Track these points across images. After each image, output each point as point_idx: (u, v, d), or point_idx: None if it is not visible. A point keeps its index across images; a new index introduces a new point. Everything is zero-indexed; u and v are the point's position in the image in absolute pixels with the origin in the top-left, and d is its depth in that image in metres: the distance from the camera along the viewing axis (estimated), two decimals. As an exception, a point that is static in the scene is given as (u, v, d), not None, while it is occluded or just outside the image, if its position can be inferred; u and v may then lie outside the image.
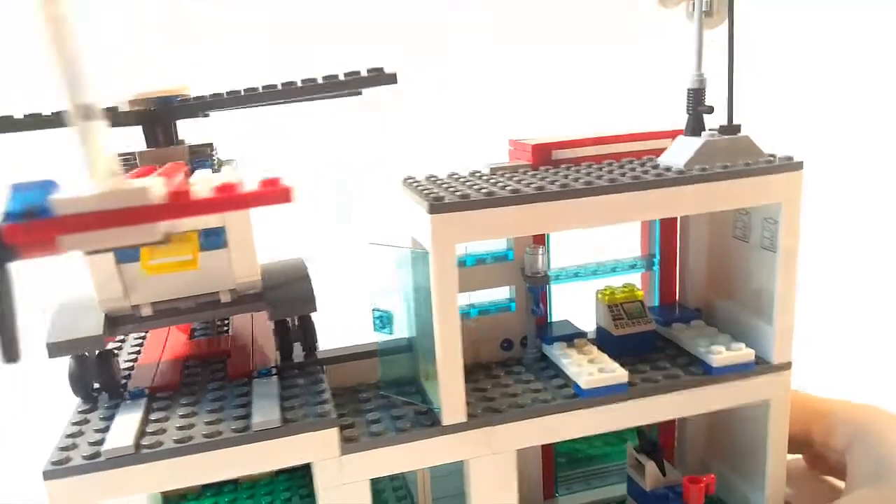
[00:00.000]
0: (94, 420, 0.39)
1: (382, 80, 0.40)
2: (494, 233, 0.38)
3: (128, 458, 0.35)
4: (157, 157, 0.42)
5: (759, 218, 0.44)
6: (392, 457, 0.39)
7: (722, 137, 0.41)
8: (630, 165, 0.42)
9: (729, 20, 0.40)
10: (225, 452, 0.36)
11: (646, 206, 0.38)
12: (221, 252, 0.39)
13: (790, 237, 0.42)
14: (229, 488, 0.56)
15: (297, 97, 0.41)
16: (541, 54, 1.10)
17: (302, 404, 0.39)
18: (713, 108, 0.41)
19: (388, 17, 1.01)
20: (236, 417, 0.38)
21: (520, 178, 0.41)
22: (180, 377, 0.43)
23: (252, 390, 0.41)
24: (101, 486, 0.35)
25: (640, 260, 0.50)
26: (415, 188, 0.39)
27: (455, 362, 0.38)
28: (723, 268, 0.48)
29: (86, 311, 0.40)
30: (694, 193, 0.39)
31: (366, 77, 0.39)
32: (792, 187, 0.41)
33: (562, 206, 0.37)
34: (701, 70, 0.41)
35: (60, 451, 0.36)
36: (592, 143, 0.44)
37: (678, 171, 0.40)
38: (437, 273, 0.37)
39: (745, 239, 0.46)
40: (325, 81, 0.40)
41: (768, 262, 0.43)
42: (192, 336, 0.50)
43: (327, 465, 0.38)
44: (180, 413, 0.39)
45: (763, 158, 0.41)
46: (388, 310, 0.41)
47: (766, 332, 0.44)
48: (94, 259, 0.37)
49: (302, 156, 1.03)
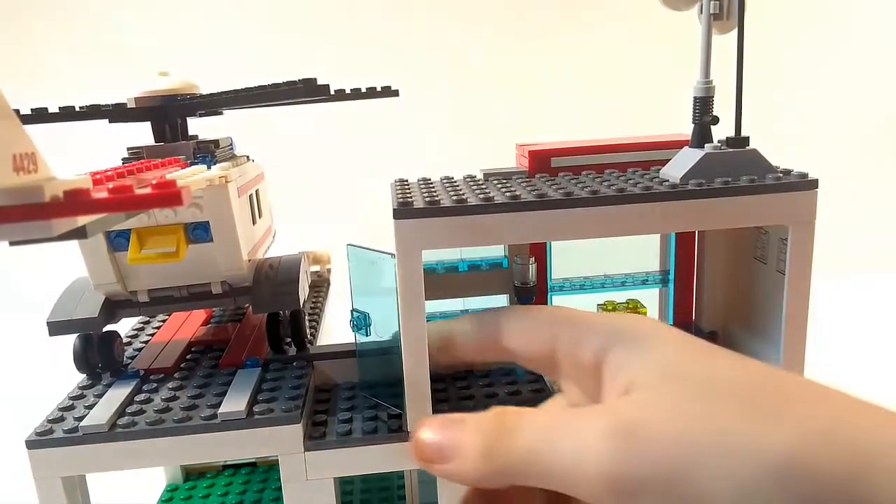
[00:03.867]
0: (88, 396, 0.41)
1: (385, 94, 0.41)
2: (461, 241, 0.37)
3: (101, 436, 0.37)
4: (162, 152, 0.43)
5: (776, 238, 0.41)
6: (356, 458, 0.39)
7: (726, 150, 0.38)
8: (625, 177, 0.40)
9: (739, 25, 0.37)
10: (191, 438, 0.38)
11: (629, 222, 0.36)
12: (210, 245, 0.41)
13: (800, 262, 0.38)
14: (246, 470, 0.59)
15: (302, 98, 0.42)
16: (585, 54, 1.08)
17: (274, 398, 0.40)
18: (718, 118, 0.38)
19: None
20: (210, 406, 0.39)
21: (504, 186, 0.39)
22: (179, 360, 0.45)
23: (234, 380, 0.42)
24: (77, 459, 0.38)
25: (653, 275, 0.47)
26: (395, 191, 0.39)
27: (420, 368, 0.38)
28: (741, 290, 0.45)
29: (90, 295, 0.42)
30: (685, 210, 0.36)
31: (368, 91, 0.40)
32: (803, 208, 0.37)
33: (532, 216, 0.36)
34: (708, 77, 0.38)
35: (48, 422, 0.38)
36: (593, 150, 0.42)
37: (671, 185, 0.37)
38: (402, 278, 0.36)
39: (763, 260, 0.42)
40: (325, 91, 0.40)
41: (781, 286, 0.40)
42: (209, 321, 0.53)
43: (291, 460, 0.39)
44: (163, 396, 0.41)
45: (772, 175, 0.38)
46: (365, 311, 0.41)
47: (775, 362, 0.40)
48: (85, 245, 0.39)
49: (324, 154, 1.07)
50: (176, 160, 0.41)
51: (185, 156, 0.43)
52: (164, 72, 0.45)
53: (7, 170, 0.24)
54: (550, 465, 0.25)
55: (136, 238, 0.39)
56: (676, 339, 0.28)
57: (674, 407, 0.25)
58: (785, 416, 0.24)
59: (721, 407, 0.24)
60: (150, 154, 0.43)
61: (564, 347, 0.30)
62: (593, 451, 0.24)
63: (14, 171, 0.24)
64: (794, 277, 0.38)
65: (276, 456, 0.39)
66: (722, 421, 0.24)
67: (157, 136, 0.44)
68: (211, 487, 0.56)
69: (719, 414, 0.24)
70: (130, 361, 0.46)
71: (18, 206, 0.23)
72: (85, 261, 0.40)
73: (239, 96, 0.41)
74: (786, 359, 0.39)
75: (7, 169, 0.24)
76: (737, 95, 0.38)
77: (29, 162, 0.25)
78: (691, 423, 0.24)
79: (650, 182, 0.38)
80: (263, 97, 0.41)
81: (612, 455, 0.24)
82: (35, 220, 0.24)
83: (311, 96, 0.42)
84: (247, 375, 0.42)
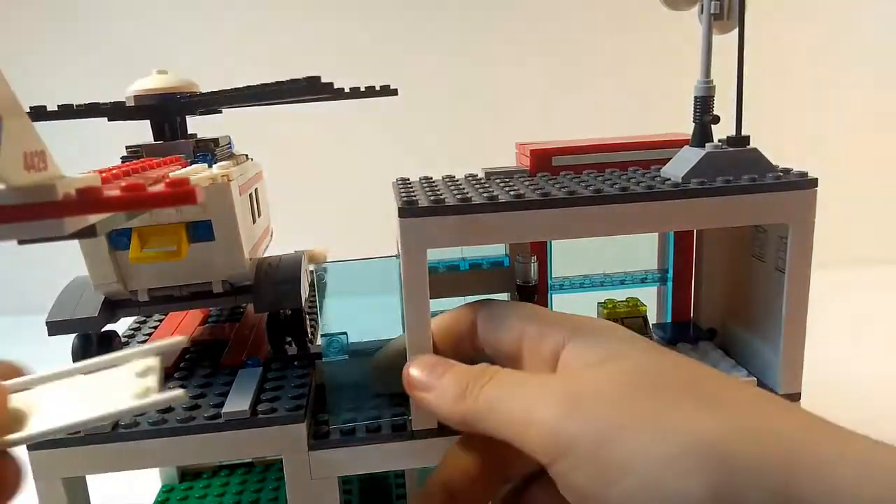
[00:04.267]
0: (87, 396, 0.41)
1: (384, 93, 0.41)
2: (466, 240, 0.37)
3: (104, 437, 0.37)
4: (162, 151, 0.43)
5: (774, 236, 0.41)
6: (360, 457, 0.39)
7: (727, 150, 0.38)
8: (626, 176, 0.40)
9: (739, 24, 0.38)
10: (194, 438, 0.38)
11: (631, 220, 0.36)
12: (211, 244, 0.41)
13: (800, 261, 0.38)
14: (242, 470, 0.58)
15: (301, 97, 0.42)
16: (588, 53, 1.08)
17: (278, 398, 0.40)
18: (719, 117, 0.39)
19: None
20: (213, 405, 0.39)
21: (507, 185, 0.40)
22: (178, 360, 0.45)
23: (235, 380, 0.42)
24: (78, 460, 0.37)
25: (652, 273, 0.47)
26: (399, 190, 0.39)
27: (425, 368, 0.38)
28: (740, 288, 0.45)
29: (89, 294, 0.42)
30: (686, 209, 0.37)
31: (367, 90, 0.40)
32: (802, 207, 0.38)
33: (537, 215, 0.36)
34: (709, 77, 0.39)
35: (48, 423, 0.38)
36: (594, 150, 0.42)
37: (673, 184, 0.38)
38: (407, 278, 0.36)
39: (762, 258, 0.43)
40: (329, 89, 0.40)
41: (780, 285, 0.40)
42: (207, 321, 0.52)
43: (295, 459, 0.38)
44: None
45: (772, 174, 0.38)
46: (342, 331, 0.40)
47: (773, 361, 0.41)
48: (85, 244, 0.39)
49: (323, 153, 1.07)
50: (176, 159, 0.41)
51: (184, 154, 0.43)
52: (162, 70, 0.44)
53: (19, 168, 0.24)
54: (508, 415, 0.29)
55: (138, 237, 0.38)
56: (630, 336, 0.32)
57: (618, 387, 0.28)
58: (718, 409, 0.26)
59: (660, 393, 0.27)
60: (150, 152, 0.43)
61: (529, 341, 0.33)
62: (541, 409, 0.28)
63: (26, 170, 0.24)
64: (794, 275, 0.39)
65: (278, 456, 0.39)
66: (659, 403, 0.27)
67: (157, 134, 0.44)
68: (207, 488, 0.55)
69: (658, 397, 0.27)
70: (129, 362, 0.45)
71: (32, 204, 0.23)
72: (85, 260, 0.40)
73: (241, 94, 0.41)
74: (784, 356, 0.40)
75: (19, 167, 0.24)
76: (737, 95, 0.38)
77: (39, 160, 0.25)
78: (631, 400, 0.27)
79: (652, 181, 0.38)
80: (267, 95, 0.41)
81: (555, 414, 0.27)
82: (48, 218, 0.24)
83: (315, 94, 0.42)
84: (248, 375, 0.42)
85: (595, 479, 0.26)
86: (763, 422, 0.25)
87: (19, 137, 0.24)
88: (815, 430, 0.25)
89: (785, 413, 0.26)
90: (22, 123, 0.24)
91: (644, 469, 0.25)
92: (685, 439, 0.25)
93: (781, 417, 0.26)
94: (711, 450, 0.24)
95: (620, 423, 0.26)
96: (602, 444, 0.26)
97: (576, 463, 0.26)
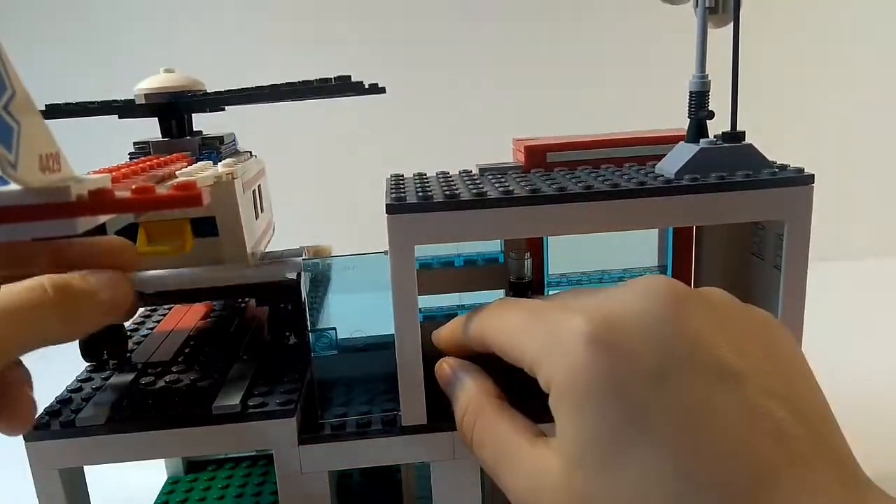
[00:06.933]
0: (86, 389, 0.42)
1: (372, 90, 0.41)
2: (454, 236, 0.37)
3: (98, 428, 0.38)
4: (169, 148, 0.44)
5: (772, 234, 0.40)
6: (350, 451, 0.39)
7: (722, 145, 0.38)
8: (620, 172, 0.40)
9: (734, 17, 0.37)
10: (186, 432, 0.38)
11: (622, 217, 0.36)
12: (215, 240, 0.41)
13: (796, 260, 0.38)
14: (247, 462, 0.59)
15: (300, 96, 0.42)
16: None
17: (269, 392, 0.40)
18: (714, 113, 0.38)
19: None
20: (206, 399, 0.40)
21: (498, 181, 0.39)
22: (177, 353, 0.46)
23: (230, 374, 0.42)
24: (74, 451, 0.38)
25: (650, 271, 0.47)
26: (390, 186, 0.39)
27: (414, 364, 0.38)
28: (739, 285, 0.44)
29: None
30: (679, 205, 0.36)
31: (354, 85, 0.41)
32: (798, 204, 0.37)
33: (525, 211, 0.36)
34: (704, 72, 0.38)
35: (45, 415, 0.39)
36: (589, 146, 0.42)
37: (666, 180, 0.37)
38: (395, 274, 0.36)
39: (761, 256, 0.42)
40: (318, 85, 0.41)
41: (778, 282, 0.40)
42: (210, 314, 0.53)
43: (285, 453, 0.39)
44: (160, 389, 0.41)
45: (768, 170, 0.37)
46: (331, 327, 0.40)
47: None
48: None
49: (322, 152, 1.07)
50: (182, 156, 0.42)
51: (190, 151, 0.44)
52: (169, 69, 0.45)
53: (35, 170, 0.25)
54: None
55: (144, 231, 0.39)
56: None
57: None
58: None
59: None
60: (156, 149, 0.44)
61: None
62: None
63: (41, 171, 0.25)
64: (790, 273, 0.38)
65: (269, 450, 0.39)
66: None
67: (164, 131, 0.44)
68: (212, 480, 0.56)
69: None
70: (130, 354, 0.46)
71: (47, 204, 0.24)
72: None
73: (253, 94, 0.42)
74: (782, 355, 0.39)
75: (35, 169, 0.25)
76: (732, 90, 0.38)
77: (53, 162, 0.26)
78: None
79: (645, 177, 0.38)
80: (268, 96, 0.42)
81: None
82: (61, 218, 0.25)
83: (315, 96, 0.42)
84: (244, 369, 0.43)
85: None
86: (740, 447, 0.24)
87: (35, 141, 0.25)
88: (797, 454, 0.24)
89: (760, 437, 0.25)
90: (37, 127, 0.25)
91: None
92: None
93: (756, 441, 0.24)
94: (675, 468, 0.24)
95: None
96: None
97: None
